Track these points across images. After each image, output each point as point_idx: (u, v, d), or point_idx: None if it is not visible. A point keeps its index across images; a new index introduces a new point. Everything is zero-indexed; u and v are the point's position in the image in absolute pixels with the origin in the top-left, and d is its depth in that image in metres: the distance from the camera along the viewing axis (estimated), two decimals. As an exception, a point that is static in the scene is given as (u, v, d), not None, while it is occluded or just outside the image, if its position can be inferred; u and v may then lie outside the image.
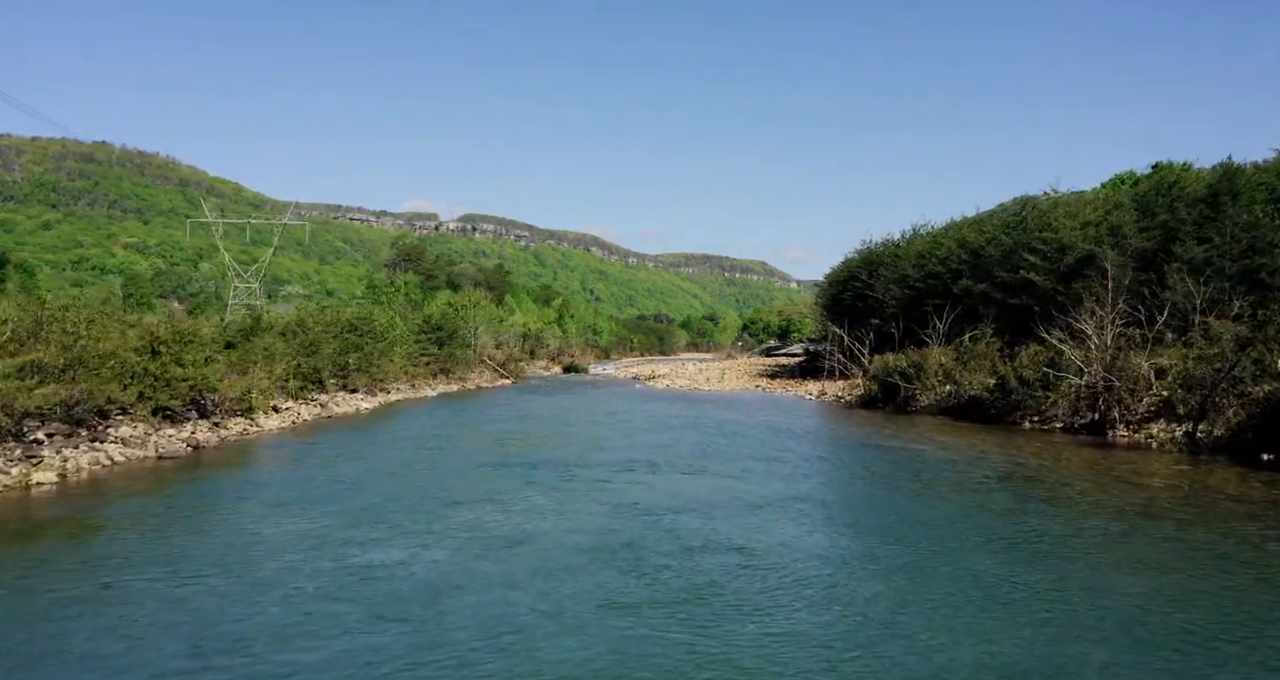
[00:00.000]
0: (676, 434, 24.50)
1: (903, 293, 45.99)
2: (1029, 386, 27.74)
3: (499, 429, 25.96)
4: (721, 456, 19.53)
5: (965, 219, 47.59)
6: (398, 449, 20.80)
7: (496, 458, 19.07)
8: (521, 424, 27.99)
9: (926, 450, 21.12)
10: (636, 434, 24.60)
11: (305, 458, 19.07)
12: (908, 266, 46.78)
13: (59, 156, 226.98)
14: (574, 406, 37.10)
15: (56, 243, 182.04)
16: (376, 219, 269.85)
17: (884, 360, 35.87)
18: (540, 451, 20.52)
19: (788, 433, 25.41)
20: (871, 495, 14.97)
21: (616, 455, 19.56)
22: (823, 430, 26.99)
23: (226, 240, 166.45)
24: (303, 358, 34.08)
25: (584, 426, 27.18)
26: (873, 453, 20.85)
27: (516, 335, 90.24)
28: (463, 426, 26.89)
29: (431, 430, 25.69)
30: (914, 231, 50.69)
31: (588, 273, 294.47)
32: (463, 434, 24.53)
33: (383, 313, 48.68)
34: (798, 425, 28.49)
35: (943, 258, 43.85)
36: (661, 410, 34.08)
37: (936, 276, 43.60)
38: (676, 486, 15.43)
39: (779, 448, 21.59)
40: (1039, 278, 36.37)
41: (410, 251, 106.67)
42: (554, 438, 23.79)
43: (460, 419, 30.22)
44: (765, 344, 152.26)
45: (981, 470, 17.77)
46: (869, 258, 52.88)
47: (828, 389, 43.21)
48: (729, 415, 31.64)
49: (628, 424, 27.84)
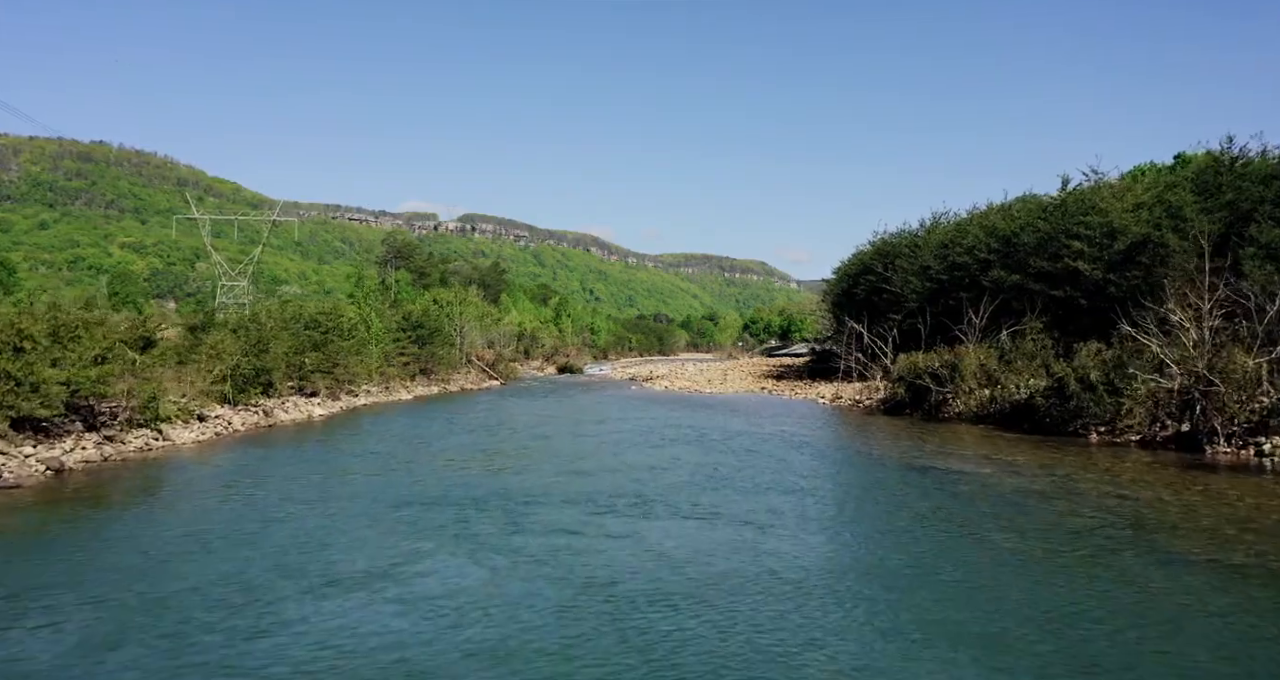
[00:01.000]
0: (675, 451, 19.66)
1: (924, 286, 41.13)
2: (1093, 390, 22.91)
3: (458, 444, 21.12)
4: (734, 487, 14.70)
5: (991, 206, 42.73)
6: (310, 474, 15.96)
7: (433, 490, 14.23)
8: (489, 437, 23.16)
9: (992, 474, 16.28)
10: (625, 451, 19.76)
11: (177, 490, 14.24)
12: (929, 257, 41.92)
13: (56, 156, 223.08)
14: (559, 413, 32.28)
15: (53, 242, 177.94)
16: (375, 219, 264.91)
17: (911, 360, 31.02)
18: (496, 479, 15.68)
19: (810, 449, 20.57)
20: (961, 561, 10.04)
21: (595, 485, 14.74)
22: (851, 445, 22.14)
23: (223, 240, 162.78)
24: (248, 357, 29.29)
25: (563, 440, 22.34)
26: (928, 480, 16.00)
27: (511, 335, 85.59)
28: (416, 440, 22.04)
29: (375, 445, 20.83)
30: (934, 220, 45.86)
31: (587, 273, 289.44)
32: (409, 451, 19.68)
33: (352, 309, 43.80)
34: (818, 437, 23.65)
35: (969, 247, 38.99)
36: (658, 417, 29.25)
37: (963, 267, 38.75)
38: (674, 545, 10.59)
39: (805, 472, 16.76)
40: (1086, 266, 31.54)
41: (402, 248, 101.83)
42: (521, 457, 18.93)
43: (420, 429, 25.38)
44: (766, 344, 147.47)
45: (1084, 508, 12.92)
46: (884, 249, 48.00)
47: (842, 392, 38.37)
48: (736, 424, 26.81)
49: (617, 436, 23.02)
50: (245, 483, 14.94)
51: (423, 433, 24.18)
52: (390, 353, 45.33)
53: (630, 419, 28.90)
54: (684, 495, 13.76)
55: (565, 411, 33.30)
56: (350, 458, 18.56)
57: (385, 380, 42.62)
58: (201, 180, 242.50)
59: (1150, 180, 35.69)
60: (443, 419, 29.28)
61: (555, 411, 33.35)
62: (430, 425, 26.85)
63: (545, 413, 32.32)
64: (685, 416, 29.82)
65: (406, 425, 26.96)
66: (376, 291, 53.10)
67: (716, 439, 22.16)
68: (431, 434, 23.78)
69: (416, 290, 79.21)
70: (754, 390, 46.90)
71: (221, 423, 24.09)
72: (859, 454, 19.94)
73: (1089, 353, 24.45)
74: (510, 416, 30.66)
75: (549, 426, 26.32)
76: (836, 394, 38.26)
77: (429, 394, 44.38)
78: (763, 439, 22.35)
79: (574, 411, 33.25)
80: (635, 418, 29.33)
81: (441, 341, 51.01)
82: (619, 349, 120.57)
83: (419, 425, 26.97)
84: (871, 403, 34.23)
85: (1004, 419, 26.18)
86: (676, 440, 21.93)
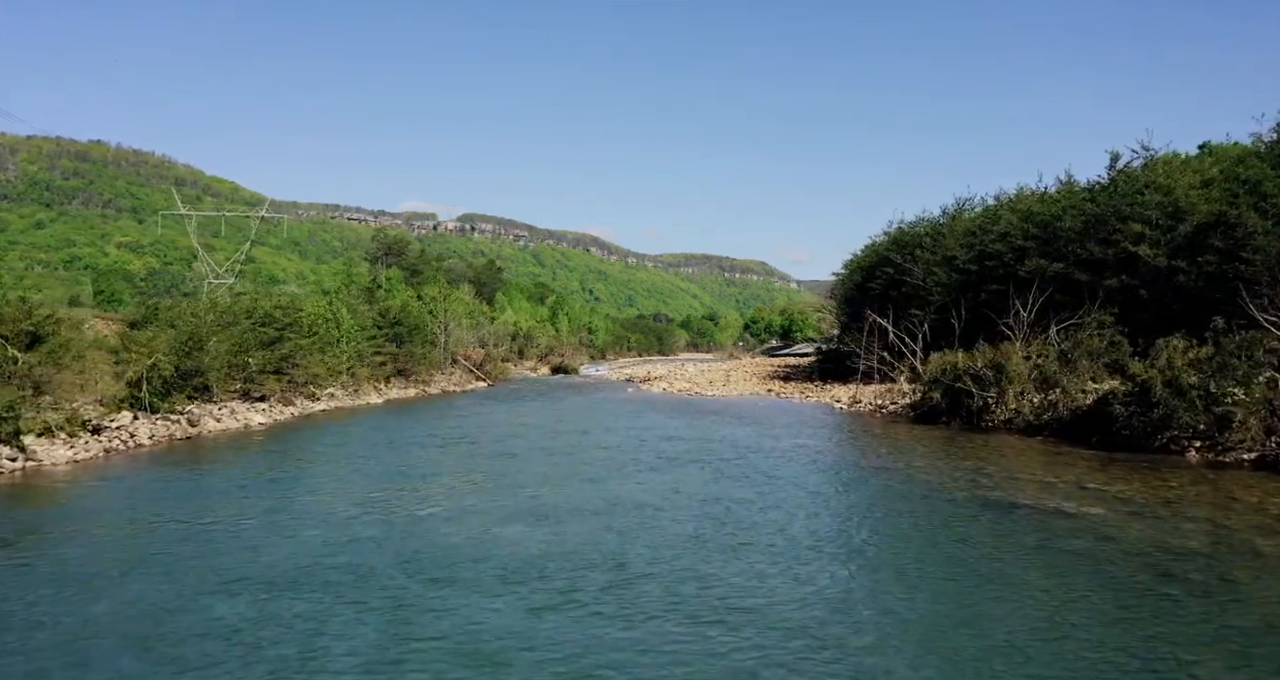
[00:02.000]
0: (671, 479, 15.08)
1: (951, 277, 36.53)
2: (1182, 395, 18.34)
3: (393, 468, 16.50)
4: (757, 547, 10.10)
5: (1022, 191, 38.10)
6: (144, 519, 11.36)
7: (303, 557, 9.59)
8: (440, 455, 18.55)
9: (1105, 517, 11.69)
10: (607, 478, 15.17)
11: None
12: (954, 246, 37.33)
13: (53, 155, 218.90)
14: (540, 421, 27.70)
15: (49, 242, 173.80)
16: (374, 218, 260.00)
17: (945, 360, 26.41)
18: (411, 532, 11.08)
19: (844, 474, 16.00)
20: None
21: (553, 543, 10.15)
22: (894, 467, 17.51)
23: (221, 240, 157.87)
24: (177, 357, 24.76)
25: (531, 461, 17.74)
26: (1022, 527, 11.40)
27: (505, 334, 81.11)
28: (344, 462, 17.41)
29: (281, 470, 16.18)
30: (958, 206, 41.17)
31: (587, 273, 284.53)
32: (319, 481, 15.07)
33: (312, 303, 39.20)
34: (848, 456, 19.07)
35: (1001, 234, 34.42)
36: (653, 427, 24.66)
37: (994, 256, 34.16)
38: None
39: (849, 515, 12.19)
40: (1147, 251, 26.97)
41: (393, 245, 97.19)
42: (466, 490, 14.33)
43: (362, 444, 20.75)
44: (767, 344, 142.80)
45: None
46: (902, 240, 43.37)
47: (860, 395, 33.80)
48: (745, 435, 22.23)
49: (600, 455, 18.45)
50: (73, 531, 10.38)
51: (360, 450, 19.56)
52: (364, 352, 40.84)
53: (620, 429, 24.32)
54: (685, 562, 9.18)
55: (548, 419, 28.73)
56: (230, 489, 13.98)
57: (357, 382, 38.12)
58: (200, 180, 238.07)
59: (1216, 156, 31.10)
60: (400, 429, 24.70)
61: (536, 419, 28.78)
62: (377, 438, 22.26)
63: (523, 421, 27.75)
64: (685, 426, 25.26)
65: (350, 439, 22.36)
66: (348, 286, 48.43)
67: (723, 458, 17.57)
68: (370, 451, 19.18)
69: (408, 288, 74.70)
70: (760, 392, 42.32)
71: (121, 436, 19.53)
72: (909, 480, 15.32)
73: (1174, 350, 19.86)
74: (481, 426, 26.09)
75: (521, 440, 21.72)
76: (854, 397, 33.67)
77: (404, 397, 39.82)
78: (781, 457, 17.77)
79: (558, 419, 28.68)
80: (626, 428, 24.75)
81: (421, 340, 46.43)
82: (617, 349, 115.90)
83: (365, 438, 22.39)
84: (897, 408, 29.66)
85: (1064, 429, 21.63)
86: (674, 460, 17.34)
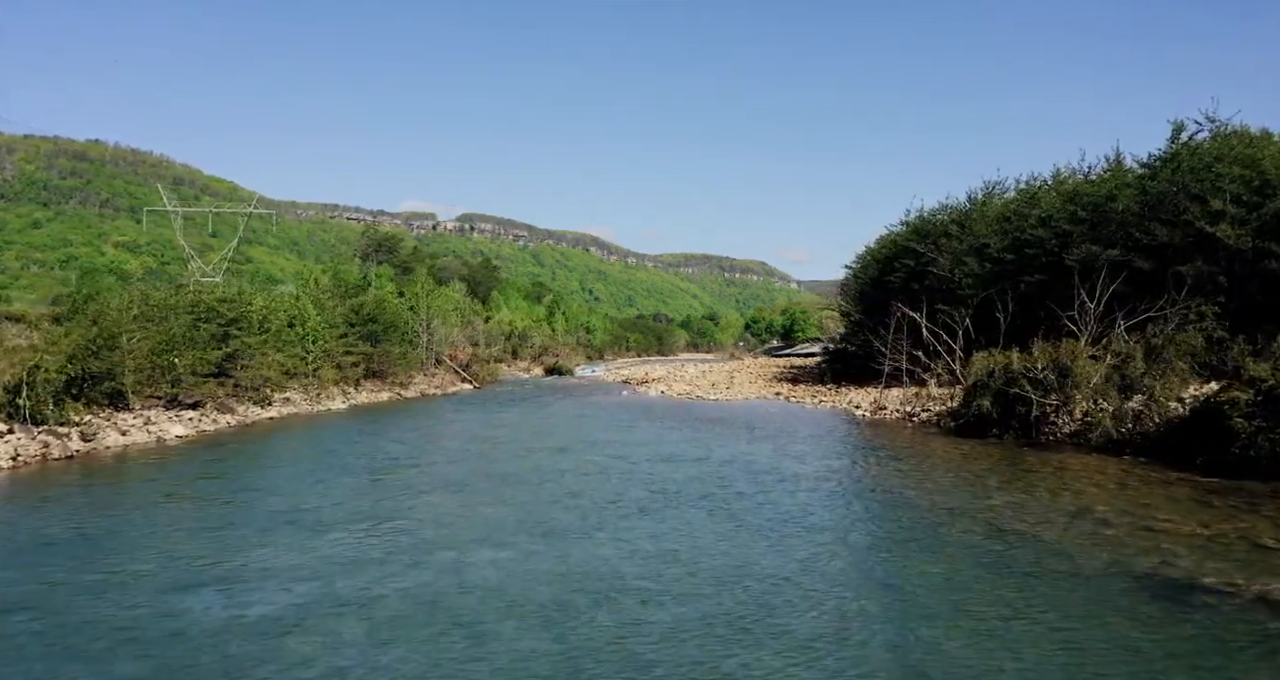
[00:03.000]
0: (670, 529, 10.66)
1: (982, 268, 32.10)
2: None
3: (286, 507, 12.02)
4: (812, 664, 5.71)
5: (1059, 174, 33.61)
6: None
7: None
8: (368, 488, 14.09)
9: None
10: (577, 533, 10.72)
11: None
12: (986, 233, 32.88)
13: (51, 155, 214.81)
14: (514, 435, 23.27)
15: (46, 242, 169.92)
16: (373, 218, 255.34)
17: (995, 360, 21.95)
18: (246, 646, 6.70)
19: (903, 520, 11.60)
20: None
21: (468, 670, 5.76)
22: (973, 510, 13.01)
23: (219, 240, 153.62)
24: (81, 358, 20.46)
25: (480, 498, 13.28)
26: (1247, 640, 7.01)
27: (499, 333, 76.73)
28: (230, 497, 12.93)
29: (131, 516, 11.72)
30: (987, 190, 36.70)
31: (586, 273, 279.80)
32: (185, 530, 10.65)
33: (264, 297, 34.82)
34: (898, 486, 14.64)
35: (1042, 218, 30.01)
36: (649, 441, 20.25)
37: (1035, 243, 29.74)
38: None
39: (931, 604, 7.81)
40: (1229, 232, 22.57)
41: (383, 242, 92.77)
42: (369, 559, 9.88)
43: (269, 471, 16.31)
44: (768, 344, 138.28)
45: None
46: (923, 229, 38.92)
47: (883, 400, 29.40)
48: (760, 454, 17.82)
49: (576, 486, 14.04)
50: None
51: (254, 480, 15.10)
52: (333, 351, 36.49)
53: (607, 445, 19.90)
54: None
55: (525, 430, 24.33)
56: (50, 547, 9.59)
57: (321, 384, 33.75)
58: (198, 179, 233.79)
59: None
60: (339, 445, 20.25)
61: (511, 430, 24.39)
62: (298, 459, 17.84)
63: (494, 434, 23.34)
64: (686, 440, 20.84)
65: (262, 460, 17.91)
66: (317, 280, 43.99)
67: (739, 494, 13.16)
68: (265, 481, 14.74)
69: (391, 284, 70.24)
70: (767, 396, 37.93)
71: (-33, 458, 15.18)
72: (1001, 536, 10.88)
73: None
74: (442, 440, 21.68)
75: (478, 462, 17.30)
76: (877, 403, 29.25)
77: (374, 402, 35.43)
78: (814, 491, 13.36)
79: (537, 430, 24.29)
80: (615, 443, 20.33)
81: (399, 338, 42.04)
82: (616, 349, 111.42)
83: (280, 459, 17.97)
84: (930, 416, 25.27)
85: (1153, 446, 17.24)
86: (672, 498, 12.93)
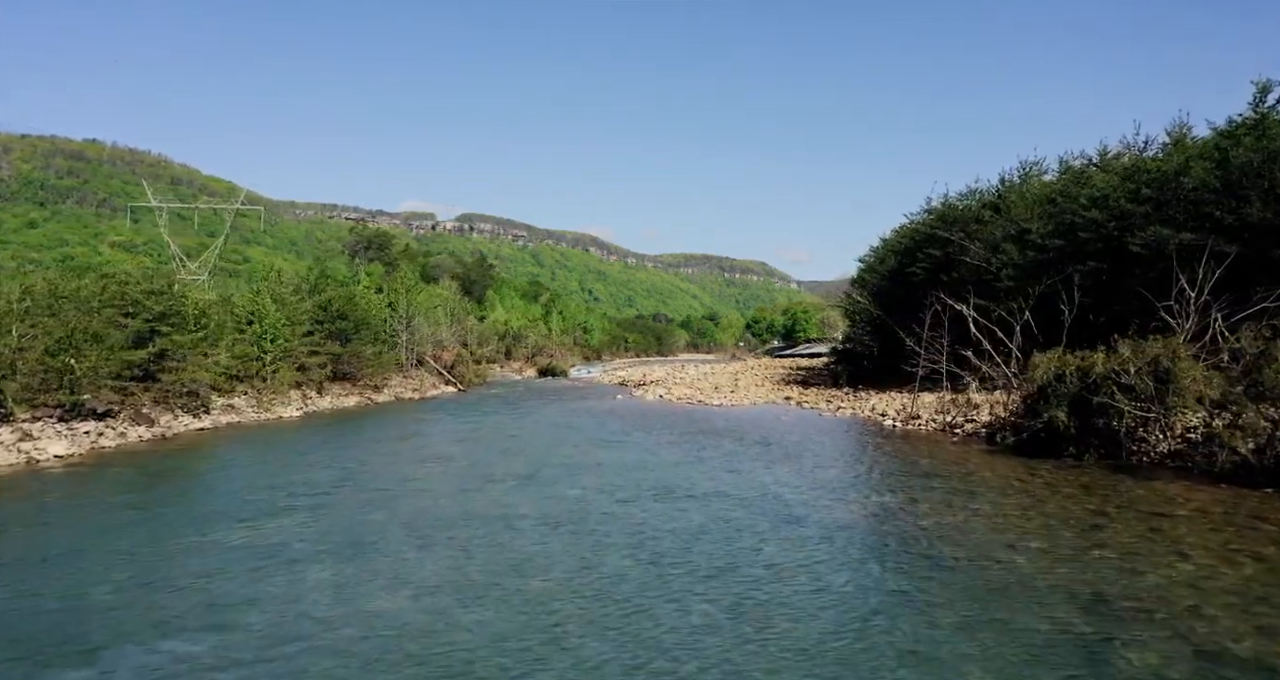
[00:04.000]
0: (672, 645, 6.32)
1: (1024, 256, 27.78)
2: None
3: (114, 578, 7.74)
4: None
5: (1104, 155, 29.26)
6: None
7: None
8: (193, 559, 9.78)
9: None
10: (521, 656, 6.39)
11: None
12: (1029, 216, 28.55)
13: (48, 154, 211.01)
14: (478, 454, 18.92)
15: (41, 241, 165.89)
16: (372, 218, 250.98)
17: (1066, 361, 17.62)
18: None
19: (1025, 615, 7.24)
20: None
21: None
22: (1110, 586, 8.70)
23: (216, 240, 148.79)
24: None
25: (367, 583, 8.98)
26: None
27: (492, 332, 72.43)
28: (62, 552, 8.63)
29: None
30: (1024, 171, 32.24)
31: (586, 273, 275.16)
32: None
33: (199, 289, 30.44)
34: (984, 538, 10.29)
35: (1096, 198, 25.71)
36: (641, 465, 15.89)
37: (1088, 227, 25.46)
38: None
39: None
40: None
41: (372, 239, 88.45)
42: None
43: (144, 510, 11.94)
44: (769, 344, 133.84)
45: None
46: (949, 215, 34.58)
47: (913, 406, 25.07)
48: (786, 483, 13.48)
49: (531, 544, 9.72)
50: None
51: (111, 520, 10.75)
52: (295, 350, 32.20)
53: (589, 469, 15.56)
54: None
55: (493, 447, 20.00)
56: None
57: (275, 388, 29.46)
58: (196, 179, 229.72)
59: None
60: (243, 471, 15.88)
61: (476, 448, 20.06)
62: (166, 494, 13.48)
63: (454, 451, 19.00)
64: (688, 462, 16.51)
65: (152, 489, 13.53)
66: (279, 273, 39.64)
67: (769, 565, 8.84)
68: (125, 531, 10.40)
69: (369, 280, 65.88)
70: (777, 401, 33.63)
71: None
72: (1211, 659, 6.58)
73: None
74: (387, 460, 17.35)
75: (409, 501, 12.96)
76: (907, 411, 24.93)
77: (338, 407, 31.13)
78: (873, 559, 9.05)
79: (508, 446, 19.96)
80: (599, 466, 15.99)
81: (371, 337, 37.74)
82: (614, 349, 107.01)
83: (171, 490, 13.60)
84: (974, 427, 20.96)
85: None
86: (669, 575, 8.62)
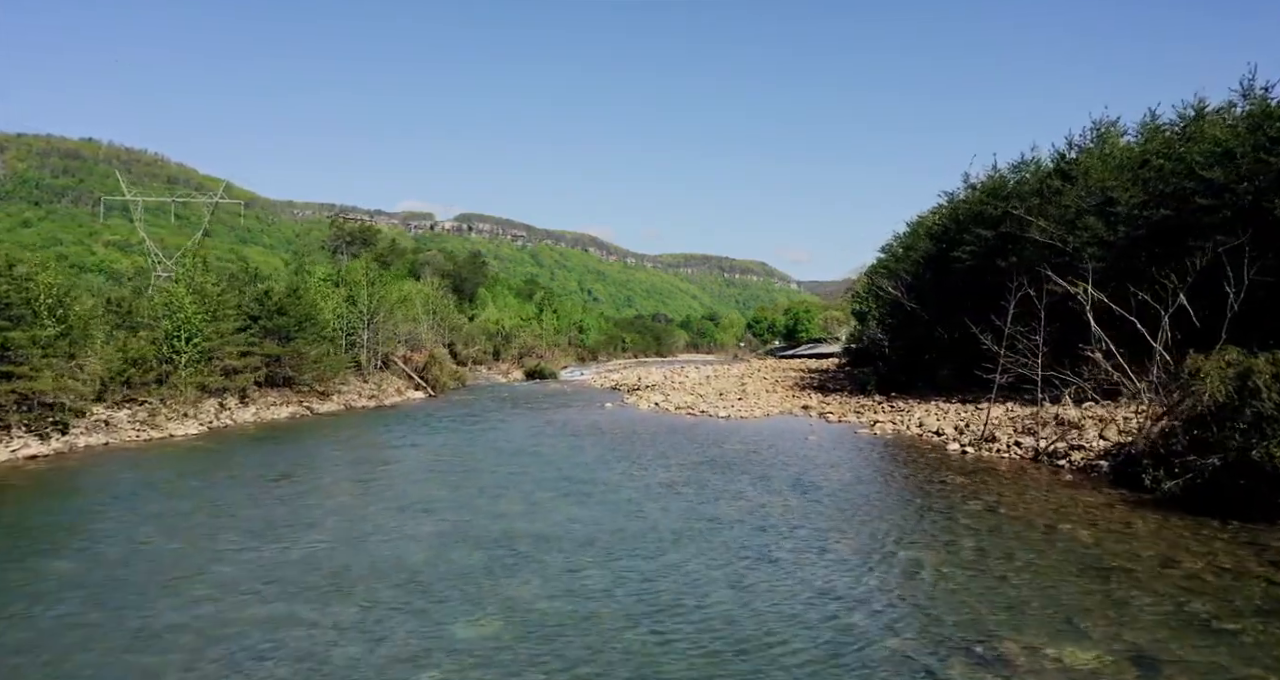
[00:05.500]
0: None
1: (1112, 231, 21.52)
2: None
3: None
4: None
5: (1201, 108, 22.98)
6: None
7: None
8: None
9: None
10: None
11: None
12: (1114, 184, 22.27)
13: (44, 153, 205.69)
14: (396, 495, 12.62)
15: (35, 240, 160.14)
16: (371, 218, 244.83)
17: (1248, 364, 11.41)
18: None
19: None
20: None
21: None
22: None
23: (212, 239, 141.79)
24: None
25: None
26: None
27: (482, 332, 66.27)
28: None
29: None
30: (1098, 130, 25.92)
31: (585, 273, 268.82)
32: None
33: (63, 274, 24.29)
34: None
35: (1217, 154, 19.46)
36: (614, 529, 9.54)
37: (1210, 191, 19.22)
38: None
39: None
40: None
41: (355, 234, 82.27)
42: None
43: None
44: (770, 344, 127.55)
45: None
46: (998, 190, 28.30)
47: (991, 425, 18.83)
48: (858, 607, 7.23)
49: None
50: None
51: None
52: (219, 351, 26.02)
53: (532, 541, 9.26)
54: None
55: (415, 491, 13.76)
56: None
57: (179, 398, 23.25)
58: (193, 178, 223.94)
59: None
60: (59, 527, 9.59)
61: (389, 492, 13.81)
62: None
63: (351, 505, 12.74)
64: (686, 521, 10.20)
65: None
66: (204, 260, 33.23)
67: None
68: None
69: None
70: (795, 412, 27.41)
71: None
72: None
73: None
74: (230, 526, 11.11)
75: (208, 606, 6.68)
76: (983, 432, 18.65)
77: (264, 420, 24.87)
78: None
79: (431, 495, 13.70)
80: (548, 536, 9.68)
81: (316, 335, 31.48)
82: (610, 349, 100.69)
83: None
84: (1088, 458, 14.71)
85: None
86: None
